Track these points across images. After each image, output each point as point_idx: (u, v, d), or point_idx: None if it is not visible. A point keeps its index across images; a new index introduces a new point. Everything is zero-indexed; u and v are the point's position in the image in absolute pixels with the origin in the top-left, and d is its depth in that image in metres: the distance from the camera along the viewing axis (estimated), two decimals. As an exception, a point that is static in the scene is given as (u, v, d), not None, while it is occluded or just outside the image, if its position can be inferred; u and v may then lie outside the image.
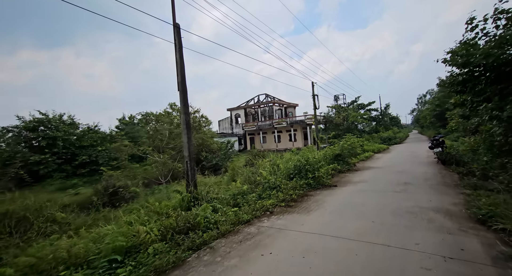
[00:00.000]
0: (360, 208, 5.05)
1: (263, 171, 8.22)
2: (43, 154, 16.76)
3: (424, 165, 10.59)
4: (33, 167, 16.27)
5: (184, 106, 5.94)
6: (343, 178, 8.67)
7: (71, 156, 18.38)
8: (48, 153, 16.91)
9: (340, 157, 10.88)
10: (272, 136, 41.55)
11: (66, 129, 18.53)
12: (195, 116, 18.62)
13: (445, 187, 6.39)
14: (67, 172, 17.82)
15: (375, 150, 18.23)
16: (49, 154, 16.90)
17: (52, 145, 17.52)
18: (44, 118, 18.23)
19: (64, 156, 18.06)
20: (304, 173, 7.64)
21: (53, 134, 17.58)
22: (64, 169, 17.75)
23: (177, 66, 6.03)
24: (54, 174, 16.99)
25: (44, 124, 17.97)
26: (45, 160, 16.54)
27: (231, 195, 6.90)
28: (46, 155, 16.71)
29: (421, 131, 57.27)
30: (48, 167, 16.74)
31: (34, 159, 16.14)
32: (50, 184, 15.98)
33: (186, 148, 5.91)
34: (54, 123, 18.28)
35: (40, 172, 16.42)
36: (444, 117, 24.25)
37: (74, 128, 20.05)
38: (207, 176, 14.35)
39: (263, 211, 5.25)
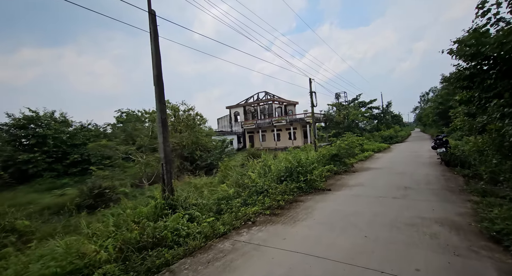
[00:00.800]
0: (353, 218, 4.46)
1: (251, 173, 7.63)
2: (32, 152, 16.30)
3: (426, 166, 9.95)
4: (22, 166, 15.82)
5: (160, 103, 5.35)
6: (338, 181, 8.06)
7: (62, 155, 17.90)
8: (37, 152, 16.44)
9: (337, 157, 10.27)
10: (272, 134, 40.94)
11: (57, 127, 18.02)
12: (189, 114, 18.03)
13: (449, 193, 5.77)
14: (58, 171, 17.36)
15: (375, 149, 17.58)
16: (38, 153, 16.43)
17: (42, 143, 17.04)
18: (34, 115, 17.74)
19: (55, 154, 17.59)
20: (296, 176, 7.05)
21: (43, 132, 17.10)
22: (54, 168, 17.30)
23: (153, 58, 5.43)
24: (44, 173, 16.54)
25: (34, 122, 17.48)
26: (34, 159, 16.07)
27: (215, 199, 6.35)
28: (35, 153, 16.25)
29: (424, 130, 56.39)
30: (37, 166, 16.28)
31: (22, 157, 15.67)
32: (39, 184, 15.54)
33: (161, 149, 5.33)
34: (44, 121, 17.79)
35: (29, 171, 15.98)
36: (447, 116, 23.47)
37: (66, 126, 19.56)
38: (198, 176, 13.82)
39: (244, 220, 4.67)
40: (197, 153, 17.71)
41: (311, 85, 15.18)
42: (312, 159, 7.87)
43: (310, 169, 7.16)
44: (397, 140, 27.38)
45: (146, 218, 4.73)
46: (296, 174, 7.05)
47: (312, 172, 7.37)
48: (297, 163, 7.20)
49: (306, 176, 6.93)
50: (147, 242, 3.66)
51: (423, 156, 13.06)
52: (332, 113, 38.04)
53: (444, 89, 29.11)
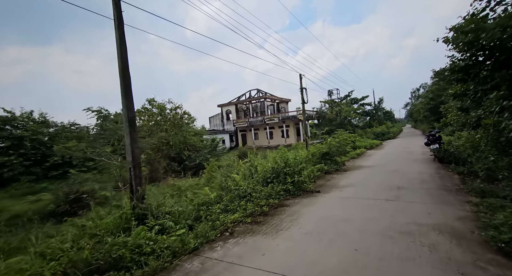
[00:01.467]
0: (342, 226, 3.98)
1: (236, 175, 7.09)
2: (7, 155, 15.30)
3: (419, 162, 9.62)
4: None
5: (126, 100, 4.72)
6: (329, 181, 7.60)
7: (41, 157, 16.92)
8: (13, 155, 15.44)
9: (327, 156, 9.82)
10: (264, 132, 40.44)
11: (35, 128, 17.00)
12: (176, 112, 17.31)
13: (446, 193, 5.37)
14: (37, 175, 16.39)
15: (367, 146, 17.29)
16: (14, 155, 15.43)
17: (18, 145, 16.03)
18: (10, 116, 16.68)
19: (33, 157, 16.59)
20: (283, 177, 6.54)
21: (19, 134, 16.10)
22: (33, 172, 16.31)
23: (118, 48, 4.79)
24: (22, 177, 15.57)
25: (9, 123, 16.43)
26: (9, 162, 15.09)
27: (195, 205, 5.78)
28: (10, 156, 15.25)
29: (415, 126, 56.98)
30: (13, 170, 15.29)
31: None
32: (15, 189, 14.60)
33: (129, 151, 4.72)
34: (21, 122, 16.77)
35: (4, 175, 15.00)
36: (438, 111, 23.44)
37: (46, 127, 18.54)
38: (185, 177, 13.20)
39: (221, 231, 4.13)
40: (185, 152, 17.04)
41: (301, 82, 14.70)
42: (301, 159, 7.37)
43: (298, 169, 6.66)
44: (389, 136, 27.32)
45: (109, 231, 4.15)
46: (283, 175, 6.54)
47: (301, 172, 6.88)
48: (284, 164, 6.69)
49: (294, 177, 6.43)
50: (100, 263, 3.09)
51: (415, 152, 12.79)
52: (325, 111, 37.83)
53: (435, 84, 29.17)
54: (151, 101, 16.80)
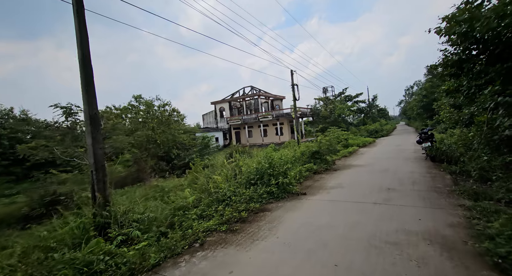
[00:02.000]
0: (324, 234, 3.60)
1: (217, 176, 6.67)
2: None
3: (411, 161, 9.34)
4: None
5: (87, 94, 4.22)
6: (317, 181, 7.24)
7: (22, 157, 16.21)
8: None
9: (317, 155, 9.47)
10: (258, 130, 40.05)
11: (14, 126, 16.26)
12: (164, 110, 16.73)
13: (437, 195, 5.04)
14: (17, 175, 15.71)
15: (360, 144, 17.03)
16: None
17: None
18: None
19: (12, 156, 15.86)
20: (267, 179, 6.14)
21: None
22: (13, 172, 15.61)
23: (77, 35, 4.27)
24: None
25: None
26: (-15, 162, 14.40)
27: (170, 210, 5.35)
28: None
29: (408, 123, 57.35)
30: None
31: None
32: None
33: (90, 153, 4.24)
34: (0, 120, 16.00)
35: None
36: (431, 108, 23.38)
37: (28, 124, 17.76)
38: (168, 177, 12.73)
39: (190, 242, 3.71)
40: (173, 151, 16.51)
41: (293, 78, 14.28)
42: (287, 158, 6.97)
43: (283, 170, 6.26)
44: (383, 134, 27.21)
45: (65, 243, 3.69)
46: (267, 177, 6.14)
47: (287, 173, 6.49)
48: (268, 164, 6.28)
49: (278, 178, 6.03)
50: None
51: (407, 150, 12.55)
52: (319, 108, 37.61)
53: (428, 81, 29.14)
54: (137, 97, 16.17)
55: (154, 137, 14.87)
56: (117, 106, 16.33)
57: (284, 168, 6.27)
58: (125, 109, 15.95)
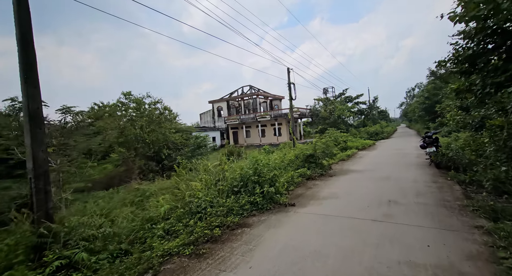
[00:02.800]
0: (308, 267, 2.86)
1: (197, 182, 5.93)
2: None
3: (414, 168, 8.59)
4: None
5: (26, 84, 3.47)
6: (309, 189, 6.49)
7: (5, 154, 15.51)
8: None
9: (312, 159, 8.72)
10: (256, 130, 39.32)
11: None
12: (155, 108, 15.99)
13: (447, 211, 4.30)
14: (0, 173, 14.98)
15: (359, 147, 16.28)
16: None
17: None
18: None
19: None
20: (251, 187, 5.40)
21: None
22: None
23: (14, 10, 3.52)
24: (-20, 177, 14.14)
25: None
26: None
27: (138, 222, 4.62)
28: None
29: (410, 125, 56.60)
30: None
31: None
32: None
33: (29, 155, 3.50)
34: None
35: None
36: (434, 111, 22.67)
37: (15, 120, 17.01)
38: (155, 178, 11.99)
39: (141, 271, 2.96)
40: (164, 151, 15.76)
41: (289, 76, 13.54)
42: (275, 163, 6.21)
43: (269, 177, 5.51)
44: (383, 136, 26.46)
45: None
46: (252, 185, 5.40)
47: (275, 180, 5.74)
48: (253, 170, 5.53)
49: (263, 187, 5.29)
50: None
51: (409, 155, 11.80)
52: (318, 109, 36.87)
53: (431, 83, 28.39)
54: (127, 94, 15.42)
55: (143, 136, 14.12)
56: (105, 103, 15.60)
57: (271, 174, 5.52)
58: (114, 106, 15.18)
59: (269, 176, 5.51)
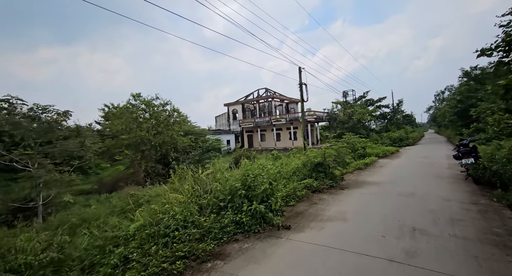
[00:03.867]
0: None
1: (178, 194, 5.14)
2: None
3: (446, 182, 7.15)
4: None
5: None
6: (313, 206, 5.43)
7: (21, 155, 16.04)
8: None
9: (321, 168, 7.61)
10: (272, 134, 38.39)
11: (14, 123, 16.15)
12: (162, 109, 15.72)
13: (499, 253, 3.06)
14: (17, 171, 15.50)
15: (379, 154, 14.70)
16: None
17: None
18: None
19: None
20: (239, 202, 4.49)
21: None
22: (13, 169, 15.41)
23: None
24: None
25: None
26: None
27: (102, 242, 3.92)
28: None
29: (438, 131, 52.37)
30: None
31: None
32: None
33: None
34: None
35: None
36: (468, 115, 20.22)
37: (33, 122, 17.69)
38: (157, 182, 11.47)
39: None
40: (171, 154, 15.38)
41: (300, 76, 12.50)
42: (270, 174, 5.21)
43: (260, 191, 4.54)
44: (408, 143, 24.20)
45: None
46: (239, 200, 4.49)
47: (269, 194, 4.79)
48: (241, 183, 4.62)
49: (253, 202, 4.35)
50: None
51: (439, 165, 10.18)
52: (336, 112, 35.07)
53: (464, 85, 25.63)
54: (136, 96, 15.30)
55: (149, 138, 13.81)
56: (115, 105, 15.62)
57: (261, 188, 4.56)
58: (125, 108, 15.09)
59: (260, 190, 4.56)
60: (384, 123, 40.89)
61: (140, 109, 15.19)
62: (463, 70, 26.15)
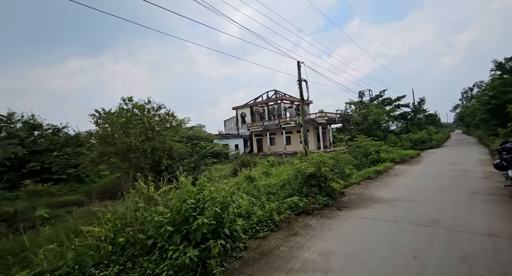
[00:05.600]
0: None
1: (99, 226, 3.85)
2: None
3: (483, 200, 5.27)
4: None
5: None
6: (288, 241, 3.88)
7: (19, 163, 15.84)
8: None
9: (314, 180, 6.02)
10: (281, 137, 36.74)
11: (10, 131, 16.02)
12: (154, 114, 14.81)
13: None
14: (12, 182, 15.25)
15: (396, 159, 12.66)
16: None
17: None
18: None
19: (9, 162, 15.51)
20: (183, 235, 3.09)
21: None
22: (8, 179, 15.17)
23: None
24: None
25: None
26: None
27: None
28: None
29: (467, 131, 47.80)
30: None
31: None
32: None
33: None
34: (1, 124, 15.89)
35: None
36: (504, 112, 17.44)
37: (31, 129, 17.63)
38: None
39: None
40: (164, 161, 14.36)
41: (300, 71, 10.97)
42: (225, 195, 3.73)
43: (197, 225, 3.10)
44: (431, 145, 21.51)
45: None
46: (162, 241, 3.09)
47: (224, 223, 3.35)
48: (176, 211, 3.22)
49: (193, 241, 2.93)
50: None
51: (471, 174, 8.14)
52: (350, 113, 32.72)
53: (498, 78, 22.54)
54: (128, 100, 14.53)
55: (137, 145, 12.88)
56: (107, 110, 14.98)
57: (201, 220, 3.10)
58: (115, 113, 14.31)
59: (223, 218, 3.11)
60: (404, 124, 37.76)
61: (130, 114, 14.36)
62: (496, 62, 23.11)
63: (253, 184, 7.09)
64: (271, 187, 6.41)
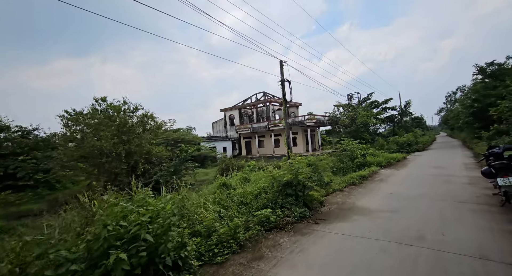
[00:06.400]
0: None
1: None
2: None
3: (471, 211, 4.83)
4: None
5: None
6: (249, 268, 3.24)
7: (-20, 168, 14.48)
8: None
9: (291, 189, 5.42)
10: (270, 140, 36.20)
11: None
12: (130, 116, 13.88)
13: None
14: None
15: (382, 163, 12.32)
16: None
17: None
18: None
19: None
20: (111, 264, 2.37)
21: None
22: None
23: None
24: None
25: None
26: None
27: None
28: None
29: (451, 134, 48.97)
30: None
31: None
32: None
33: None
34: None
35: None
36: (486, 116, 17.59)
37: (0, 131, 16.30)
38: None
39: None
40: (140, 166, 13.42)
41: (282, 71, 10.43)
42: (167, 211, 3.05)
43: (124, 256, 2.43)
44: (418, 147, 21.53)
45: None
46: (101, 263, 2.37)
47: (161, 250, 2.66)
48: (116, 228, 2.52)
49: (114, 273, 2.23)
50: None
51: (457, 180, 7.79)
52: (338, 116, 32.65)
53: (480, 82, 22.94)
54: (101, 100, 13.53)
55: (109, 148, 11.92)
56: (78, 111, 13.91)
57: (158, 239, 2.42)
58: (80, 114, 13.16)
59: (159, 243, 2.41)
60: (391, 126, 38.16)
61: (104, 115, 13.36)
62: (478, 67, 23.50)
63: (227, 192, 6.43)
64: (245, 196, 5.77)
